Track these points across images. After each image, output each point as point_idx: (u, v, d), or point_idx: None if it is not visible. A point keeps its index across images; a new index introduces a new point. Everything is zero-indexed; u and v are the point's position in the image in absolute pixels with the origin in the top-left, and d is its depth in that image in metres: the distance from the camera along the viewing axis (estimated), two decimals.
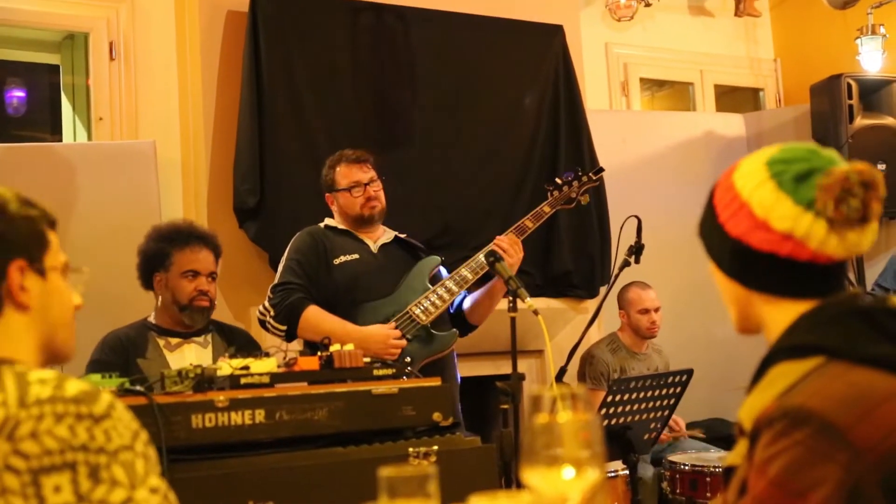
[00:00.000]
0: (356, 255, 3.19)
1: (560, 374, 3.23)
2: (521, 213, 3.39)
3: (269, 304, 3.09)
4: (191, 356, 2.97)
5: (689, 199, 5.18)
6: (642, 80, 5.90)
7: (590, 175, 3.47)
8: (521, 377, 2.69)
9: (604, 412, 3.17)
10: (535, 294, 3.61)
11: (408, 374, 2.41)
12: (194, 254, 3.03)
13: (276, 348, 2.45)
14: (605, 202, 4.77)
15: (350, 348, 2.33)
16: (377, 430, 2.26)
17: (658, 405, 3.36)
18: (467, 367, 3.97)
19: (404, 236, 3.37)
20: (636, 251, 3.38)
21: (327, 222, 3.30)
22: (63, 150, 4.04)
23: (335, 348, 2.31)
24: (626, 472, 3.28)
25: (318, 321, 3.02)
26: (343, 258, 3.17)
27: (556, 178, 3.46)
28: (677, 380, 3.39)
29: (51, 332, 1.40)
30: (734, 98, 6.33)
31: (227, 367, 2.18)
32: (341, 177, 3.26)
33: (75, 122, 4.53)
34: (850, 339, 1.26)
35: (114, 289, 3.29)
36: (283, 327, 3.06)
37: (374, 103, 4.38)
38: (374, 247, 3.26)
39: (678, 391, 3.40)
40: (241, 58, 4.10)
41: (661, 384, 3.33)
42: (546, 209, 3.36)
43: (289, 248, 3.20)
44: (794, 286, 1.33)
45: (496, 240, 3.16)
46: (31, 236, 1.39)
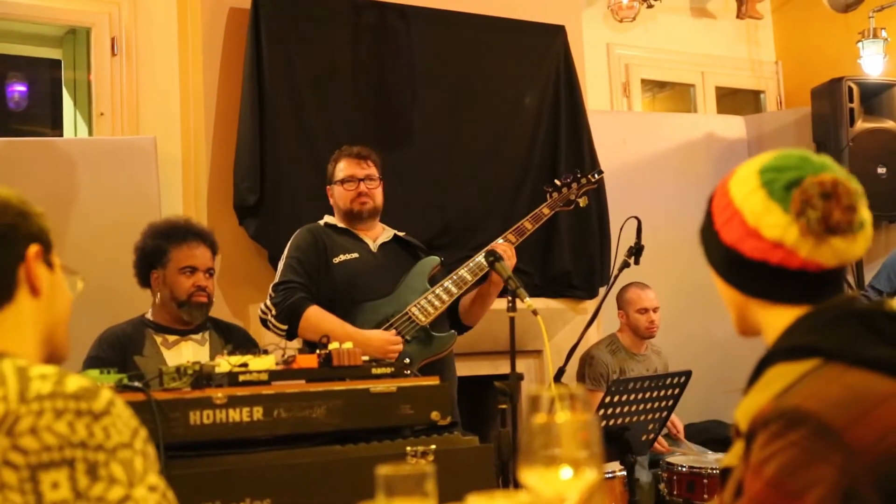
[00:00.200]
0: (356, 255, 3.19)
1: (559, 375, 3.23)
2: (521, 213, 3.40)
3: (270, 303, 3.08)
4: (188, 353, 2.98)
5: (689, 200, 5.20)
6: (643, 82, 5.90)
7: (588, 177, 3.48)
8: (520, 377, 2.69)
9: (602, 413, 3.17)
10: (534, 294, 3.61)
11: (406, 373, 2.41)
12: (191, 250, 3.03)
13: (275, 346, 2.45)
14: (605, 203, 4.77)
15: (349, 347, 2.33)
16: (375, 428, 2.26)
17: (656, 406, 3.36)
18: (466, 367, 3.97)
19: (403, 235, 3.37)
20: (636, 252, 3.38)
21: (327, 220, 3.30)
22: (64, 144, 4.04)
23: (334, 346, 2.31)
24: (624, 473, 3.28)
25: (319, 322, 3.02)
26: (343, 257, 3.17)
27: (556, 180, 3.47)
28: (675, 381, 3.39)
29: (53, 326, 1.42)
30: (735, 100, 6.34)
31: (225, 364, 2.18)
32: (339, 169, 3.28)
33: (76, 117, 4.52)
34: (847, 342, 1.26)
35: (113, 284, 3.29)
36: (285, 327, 3.06)
37: (374, 102, 4.38)
38: (374, 246, 3.26)
39: (676, 393, 3.40)
40: (243, 55, 4.10)
41: (659, 385, 3.33)
42: (545, 211, 3.37)
43: (289, 245, 3.20)
44: (787, 293, 1.34)
45: (493, 244, 3.18)
46: (43, 230, 1.42)
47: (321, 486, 2.09)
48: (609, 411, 3.20)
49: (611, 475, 3.28)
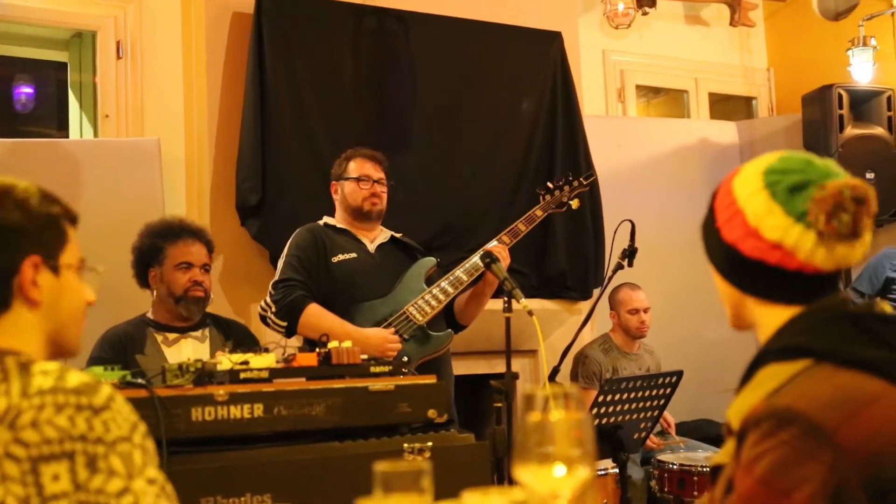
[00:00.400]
0: (354, 255, 3.19)
1: (553, 374, 3.23)
2: (518, 215, 3.39)
3: (270, 300, 3.08)
4: (188, 351, 2.97)
5: (682, 204, 5.23)
6: (638, 87, 5.90)
7: (580, 180, 3.48)
8: (515, 376, 2.69)
9: (595, 411, 3.17)
10: (529, 295, 3.60)
11: (404, 372, 2.41)
12: (187, 246, 3.04)
13: (275, 344, 2.45)
14: (599, 206, 4.77)
15: (348, 345, 2.32)
16: (373, 425, 2.26)
17: (648, 405, 3.36)
18: (462, 366, 3.97)
19: (400, 236, 3.37)
20: (629, 254, 3.38)
21: (326, 220, 3.30)
22: (69, 146, 4.03)
23: (333, 345, 2.31)
24: (616, 470, 3.28)
25: (319, 319, 3.02)
26: (341, 257, 3.16)
27: (548, 183, 3.47)
28: (667, 381, 3.39)
29: (58, 329, 1.40)
30: (728, 106, 6.34)
31: (226, 361, 2.18)
32: (354, 167, 3.27)
33: (82, 118, 4.52)
34: (838, 343, 1.26)
35: (116, 284, 3.28)
36: (284, 323, 3.05)
37: (374, 105, 4.38)
38: (372, 247, 3.25)
39: (668, 392, 3.40)
40: (245, 59, 4.10)
41: (651, 385, 3.33)
42: (538, 213, 3.38)
43: (289, 243, 3.20)
44: (783, 293, 1.34)
45: (487, 246, 3.17)
46: (51, 232, 1.39)
47: (320, 481, 2.09)
48: (602, 410, 3.20)
49: (603, 472, 3.28)
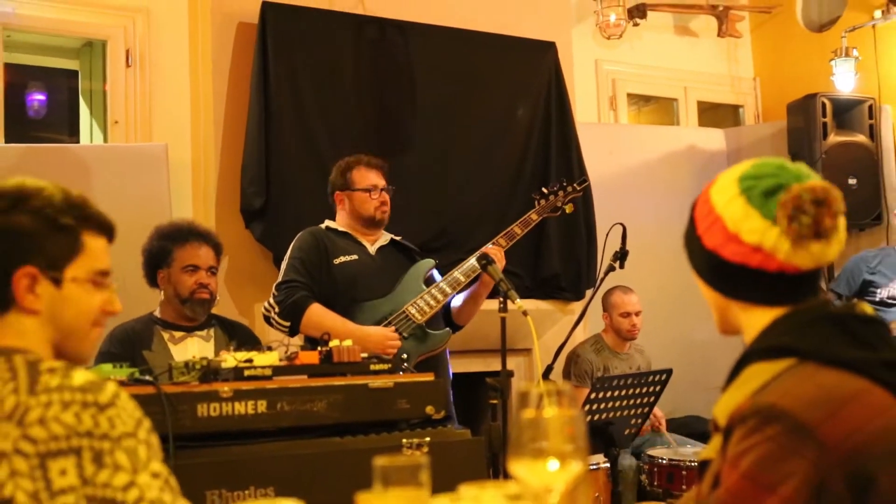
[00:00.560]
0: (355, 256, 3.19)
1: (547, 372, 3.23)
2: (513, 219, 3.40)
3: (273, 301, 3.08)
4: (194, 349, 2.97)
5: (672, 208, 5.20)
6: (629, 96, 5.90)
7: (574, 186, 3.49)
8: (510, 374, 2.69)
9: (587, 408, 3.17)
10: (524, 296, 3.60)
11: (403, 369, 2.42)
12: (194, 249, 3.03)
13: (278, 342, 2.45)
14: (592, 210, 4.78)
15: (348, 344, 2.32)
16: (373, 421, 2.26)
17: (639, 402, 3.36)
18: (459, 364, 3.97)
19: (399, 239, 3.37)
20: (621, 257, 3.39)
21: (328, 224, 3.30)
22: (80, 151, 4.03)
23: (334, 344, 2.31)
24: (608, 464, 3.28)
25: (321, 319, 3.02)
26: (343, 258, 3.16)
27: (543, 188, 3.48)
28: (657, 379, 3.39)
29: (61, 338, 1.37)
30: (716, 114, 6.34)
31: (231, 359, 2.18)
32: (360, 178, 3.25)
33: (92, 124, 4.52)
34: (821, 343, 1.27)
35: (124, 283, 3.28)
36: (287, 323, 3.05)
37: (375, 112, 4.38)
38: (372, 249, 3.26)
39: (658, 390, 3.40)
40: (250, 67, 4.10)
41: (641, 383, 3.33)
42: (533, 217, 3.38)
43: (292, 246, 3.19)
44: (766, 295, 1.34)
45: (484, 248, 3.18)
46: (58, 243, 1.37)
47: (321, 475, 2.09)
48: (594, 407, 3.20)
49: (595, 467, 3.28)
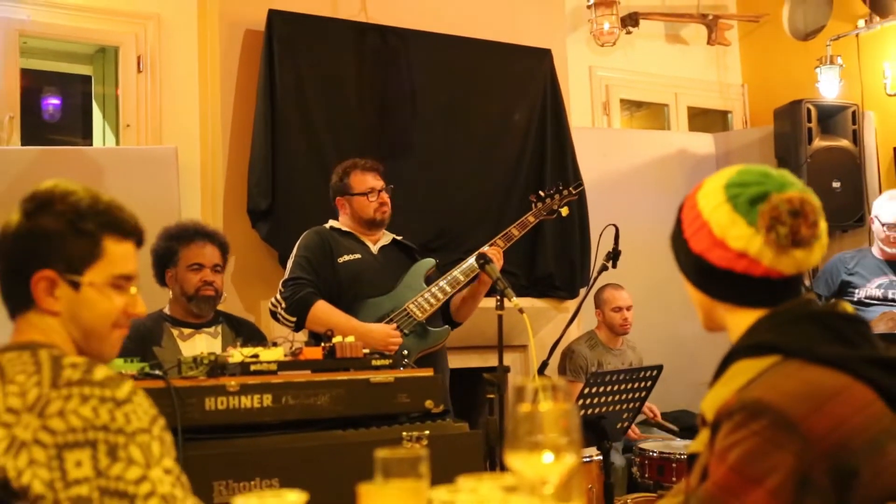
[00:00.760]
0: (358, 255, 3.19)
1: (542, 368, 3.23)
2: (510, 220, 3.41)
3: (280, 297, 3.08)
4: (202, 345, 2.97)
5: (662, 210, 5.15)
6: (622, 101, 5.90)
7: (570, 189, 3.50)
8: (507, 369, 2.69)
9: (581, 403, 3.16)
10: (520, 294, 3.61)
11: (403, 365, 2.41)
12: (199, 248, 3.03)
13: (283, 338, 2.45)
14: (585, 211, 4.78)
15: (351, 340, 2.32)
16: (374, 415, 2.26)
17: (630, 397, 3.35)
18: (457, 360, 3.97)
19: (400, 238, 3.37)
20: (613, 257, 3.38)
21: (332, 224, 3.30)
22: (93, 153, 4.03)
23: (337, 340, 2.31)
24: (600, 457, 3.27)
25: (326, 315, 3.02)
26: (346, 257, 3.17)
27: (540, 192, 3.48)
28: (648, 374, 3.38)
29: (82, 337, 1.37)
30: (705, 119, 6.34)
31: (238, 355, 2.18)
32: (357, 182, 3.25)
33: (105, 128, 4.51)
34: (805, 340, 1.27)
35: (137, 283, 3.28)
36: (293, 319, 3.05)
37: (377, 117, 4.38)
38: (375, 248, 3.26)
39: (649, 385, 3.39)
40: (257, 72, 4.10)
41: (633, 378, 3.32)
42: (530, 219, 3.38)
43: (297, 245, 3.19)
44: (751, 298, 1.34)
45: (482, 249, 3.17)
46: (78, 248, 1.36)
47: (324, 467, 2.09)
48: (587, 401, 3.19)
49: (588, 459, 3.28)
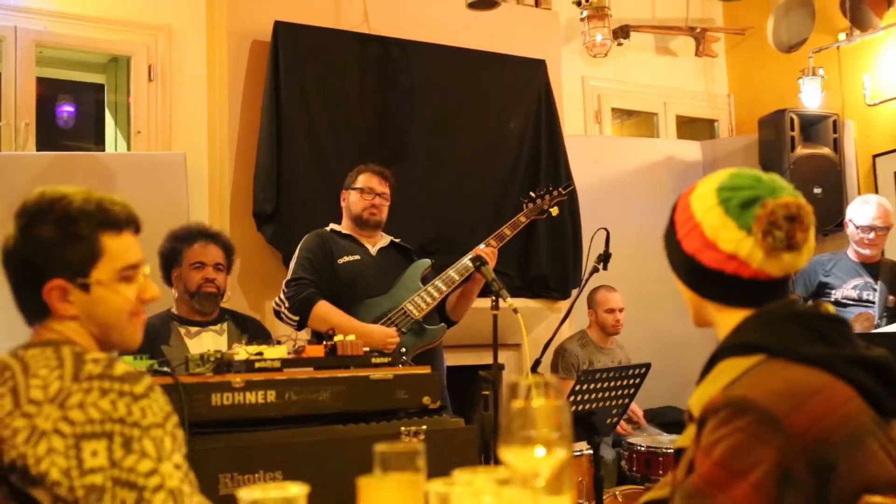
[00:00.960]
0: (357, 257, 3.19)
1: (535, 365, 3.22)
2: (505, 223, 3.40)
3: (284, 297, 3.07)
4: (208, 343, 2.96)
5: (651, 215, 5.16)
6: (613, 110, 5.90)
7: (560, 190, 3.50)
8: (501, 367, 2.69)
9: (572, 399, 3.16)
10: (514, 294, 3.59)
11: (402, 362, 2.41)
12: (201, 248, 3.03)
13: (286, 337, 2.45)
14: (578, 215, 4.77)
15: (352, 339, 2.32)
16: (374, 410, 2.26)
17: (620, 394, 3.35)
18: (454, 358, 3.96)
19: (398, 241, 3.37)
20: (604, 259, 3.38)
21: (332, 227, 3.30)
22: (105, 159, 4.02)
23: (339, 338, 2.31)
24: (591, 451, 3.27)
25: (327, 315, 3.01)
26: (346, 258, 3.17)
27: (531, 192, 3.48)
28: (637, 372, 3.38)
29: (102, 333, 1.39)
30: (692, 127, 6.35)
31: (243, 352, 2.18)
32: (362, 179, 3.27)
33: (117, 134, 4.51)
34: (789, 340, 1.26)
35: None
36: (296, 318, 3.05)
37: (377, 124, 4.38)
38: (373, 250, 3.26)
39: (637, 382, 3.39)
40: (263, 81, 4.10)
41: (622, 375, 3.32)
42: (522, 219, 3.38)
43: (300, 247, 3.19)
44: (739, 298, 1.34)
45: (477, 249, 3.17)
46: (79, 252, 1.37)
47: (326, 460, 2.09)
48: (578, 398, 3.19)
49: (579, 453, 3.28)
